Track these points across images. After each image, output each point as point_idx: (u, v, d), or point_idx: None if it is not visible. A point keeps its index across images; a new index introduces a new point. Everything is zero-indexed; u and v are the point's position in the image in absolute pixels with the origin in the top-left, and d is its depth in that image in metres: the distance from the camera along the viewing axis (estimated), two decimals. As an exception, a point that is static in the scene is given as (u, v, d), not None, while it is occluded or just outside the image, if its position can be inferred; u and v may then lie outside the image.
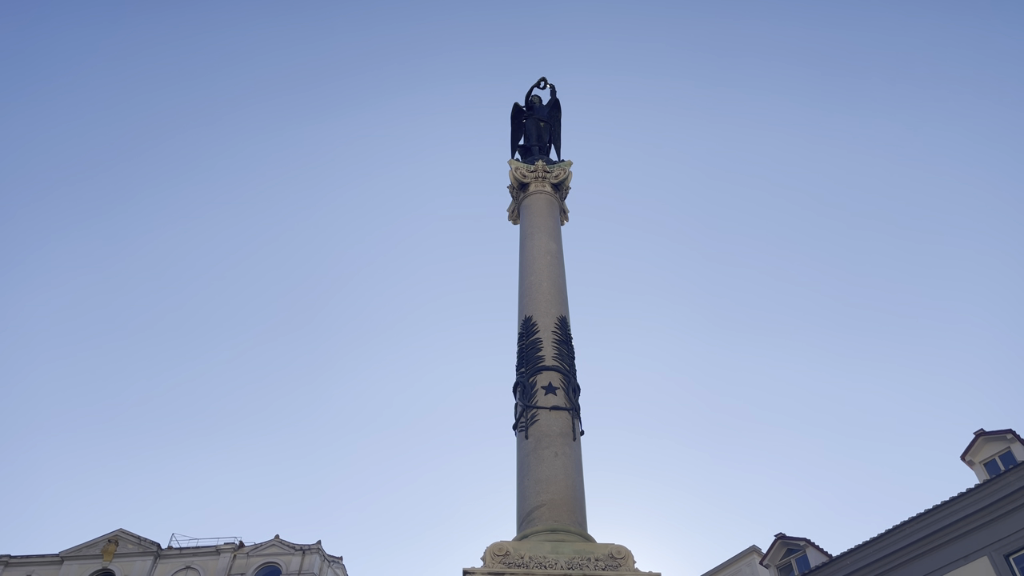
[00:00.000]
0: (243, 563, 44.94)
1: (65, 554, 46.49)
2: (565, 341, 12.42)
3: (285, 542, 45.80)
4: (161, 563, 45.70)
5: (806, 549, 30.39)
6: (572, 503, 10.43)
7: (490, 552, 9.26)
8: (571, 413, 11.49)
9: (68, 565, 45.91)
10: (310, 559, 44.54)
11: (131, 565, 45.52)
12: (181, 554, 46.02)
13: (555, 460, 10.78)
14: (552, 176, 15.97)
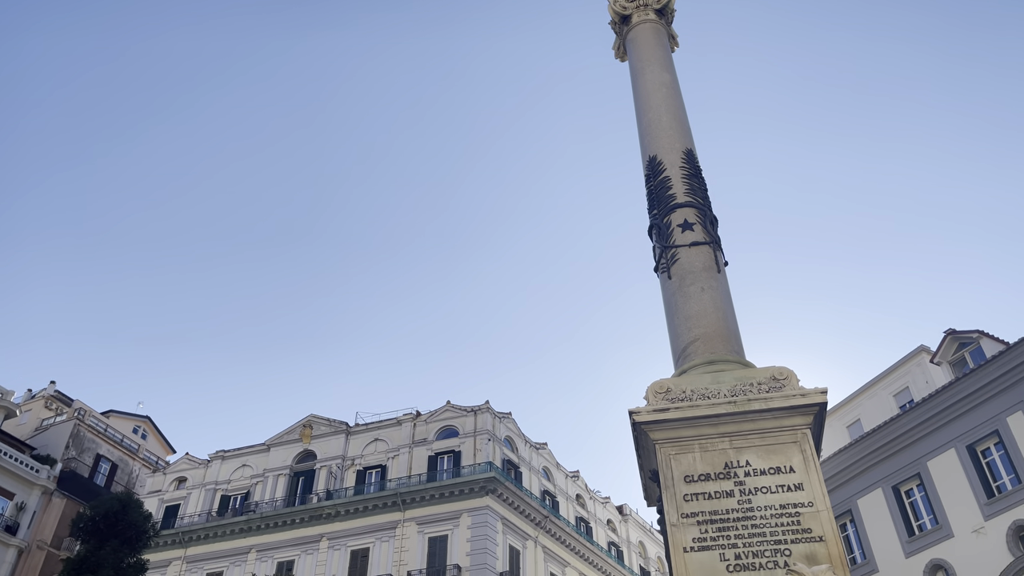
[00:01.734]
0: (423, 429, 48.74)
1: (270, 442, 52.18)
2: (694, 174, 12.01)
3: (456, 406, 49.09)
4: (352, 439, 50.37)
5: (979, 340, 29.21)
6: (725, 334, 10.42)
7: (651, 391, 9.46)
8: (711, 246, 11.27)
9: (275, 451, 51.58)
10: (482, 418, 47.64)
11: (327, 444, 50.48)
12: (367, 429, 50.47)
13: (702, 295, 10.71)
14: (654, 1, 14.86)
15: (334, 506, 46.01)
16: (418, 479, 45.70)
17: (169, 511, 51.21)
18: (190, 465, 53.86)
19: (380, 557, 43.73)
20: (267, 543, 46.66)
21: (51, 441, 56.69)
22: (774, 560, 8.05)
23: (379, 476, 47.81)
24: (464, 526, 42.80)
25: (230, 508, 50.03)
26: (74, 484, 53.72)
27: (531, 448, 51.49)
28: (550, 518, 47.81)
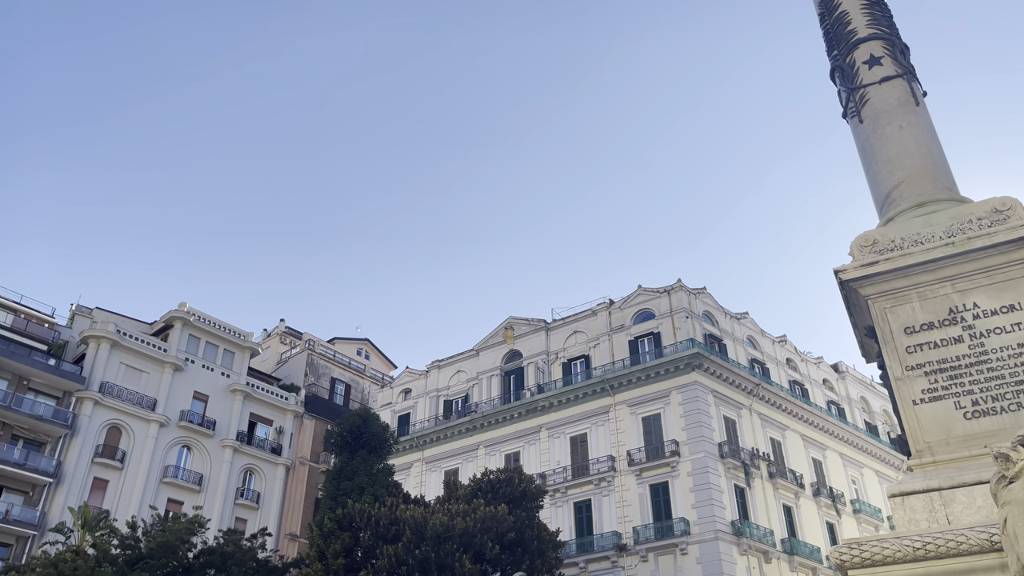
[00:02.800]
0: (619, 316, 49.43)
1: (478, 347, 55.30)
2: (875, 2, 10.84)
3: (648, 289, 49.15)
4: (552, 334, 52.18)
5: None
6: (933, 171, 9.55)
7: (856, 245, 8.95)
8: (904, 78, 10.23)
9: (483, 355, 54.67)
10: (676, 297, 47.42)
11: (529, 342, 52.69)
12: (565, 323, 51.98)
13: (901, 134, 9.83)
14: None
15: (546, 398, 48.37)
16: (622, 364, 46.75)
17: (401, 420, 56.26)
18: (411, 377, 58.49)
19: (598, 440, 45.70)
20: (491, 439, 50.20)
21: (291, 371, 63.67)
22: (1017, 402, 7.58)
23: (584, 366, 49.41)
24: (675, 403, 43.51)
25: (453, 411, 54.10)
26: (317, 406, 60.33)
27: (732, 319, 50.76)
28: (761, 385, 47.38)
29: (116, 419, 48.29)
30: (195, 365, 53.61)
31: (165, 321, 54.71)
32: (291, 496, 55.38)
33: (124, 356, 50.14)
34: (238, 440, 53.49)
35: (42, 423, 45.20)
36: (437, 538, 31.19)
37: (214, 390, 53.99)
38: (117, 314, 53.96)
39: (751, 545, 40.29)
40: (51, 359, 48.02)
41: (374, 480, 36.55)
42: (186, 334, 53.99)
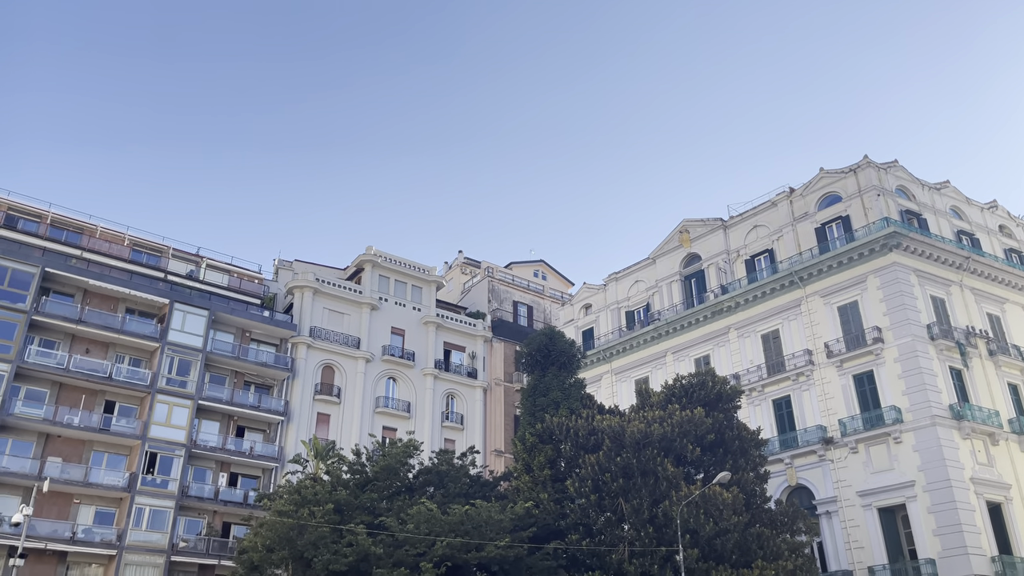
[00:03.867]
0: (801, 204, 46.65)
1: (654, 255, 54.51)
2: None
3: (832, 171, 45.83)
4: (730, 232, 50.29)
5: None
6: None
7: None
8: None
9: (660, 262, 53.84)
10: (863, 175, 43.91)
11: (707, 243, 51.16)
12: (743, 218, 49.83)
13: None
14: None
15: (731, 299, 47.04)
16: (810, 254, 44.34)
17: (585, 335, 57.08)
18: (590, 292, 58.90)
19: (791, 335, 44.03)
20: (678, 344, 49.79)
21: (475, 299, 66.18)
22: None
23: (768, 260, 47.37)
24: (873, 288, 40.84)
25: (636, 321, 54.06)
26: (503, 329, 62.49)
27: (930, 191, 46.39)
28: (972, 258, 43.30)
29: (328, 359, 52.69)
30: (388, 303, 57.04)
31: (356, 265, 58.38)
32: (491, 416, 58.32)
33: (325, 301, 54.28)
34: (436, 368, 56.74)
35: (267, 368, 50.23)
36: (636, 445, 31.71)
37: (409, 324, 57.35)
38: (314, 264, 58.26)
39: (974, 428, 37.62)
40: (265, 311, 52.97)
41: (567, 394, 37.58)
42: (376, 275, 57.42)
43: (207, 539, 44.08)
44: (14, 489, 39.62)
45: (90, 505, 42.29)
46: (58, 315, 44.14)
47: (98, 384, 44.27)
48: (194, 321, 48.11)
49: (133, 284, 47.80)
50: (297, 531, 29.70)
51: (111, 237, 50.96)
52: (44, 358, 42.94)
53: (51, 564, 39.75)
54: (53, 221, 49.24)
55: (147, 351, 46.86)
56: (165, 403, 45.30)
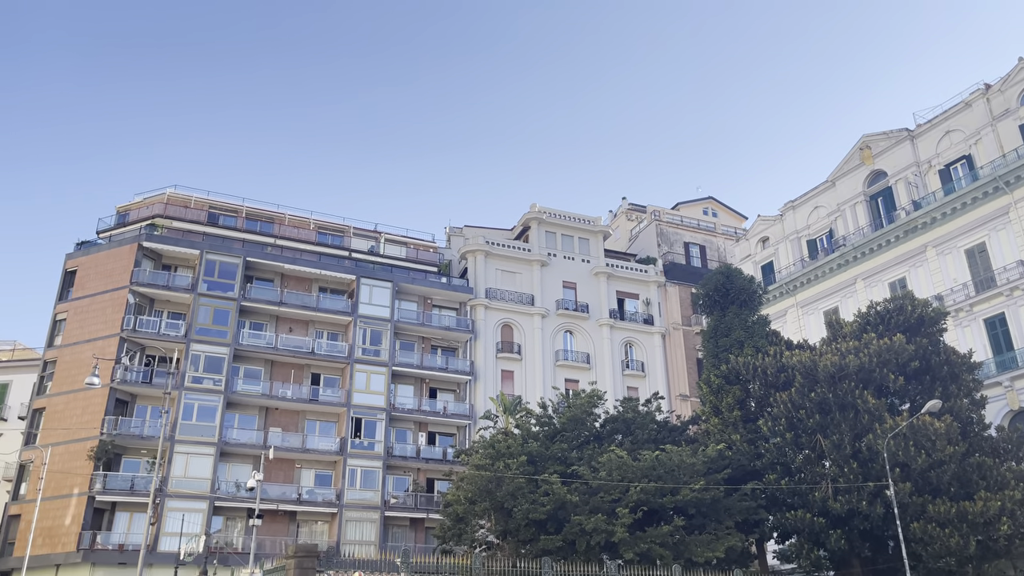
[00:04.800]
0: (1000, 100, 41.78)
1: (833, 177, 51.00)
2: None
3: (1035, 57, 40.48)
4: (918, 142, 46.00)
5: None
6: None
7: None
8: None
9: (840, 184, 50.31)
10: (1077, 56, 38.42)
11: (892, 157, 47.12)
12: (932, 125, 45.33)
13: None
14: None
15: (926, 214, 43.18)
16: (1015, 155, 39.67)
17: (764, 270, 54.67)
18: (766, 224, 56.21)
19: (1000, 247, 39.84)
20: (868, 270, 46.52)
21: (643, 245, 65.20)
22: None
23: (967, 167, 42.91)
24: (1098, 184, 35.94)
25: (819, 250, 51.01)
26: (676, 272, 61.21)
27: None
28: None
29: (505, 318, 54.17)
30: (557, 258, 57.53)
31: (523, 224, 59.23)
32: (672, 361, 57.61)
33: (497, 263, 55.66)
34: (611, 318, 56.71)
35: (450, 332, 52.48)
36: (831, 379, 30.18)
37: (579, 277, 57.62)
38: (482, 228, 59.77)
39: None
40: (442, 278, 55.25)
41: (751, 333, 36.26)
42: (543, 231, 57.99)
43: (414, 495, 47.15)
44: (245, 458, 44.22)
45: (310, 469, 46.44)
46: (262, 299, 48.35)
47: (303, 359, 48.20)
48: (380, 293, 51.06)
49: (322, 264, 51.37)
50: (495, 483, 30.98)
51: (298, 223, 54.85)
52: (255, 339, 47.27)
53: (284, 523, 44.19)
54: (248, 214, 53.68)
55: (341, 325, 50.33)
56: (363, 371, 48.60)
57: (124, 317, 44.44)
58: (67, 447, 41.52)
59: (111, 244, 48.00)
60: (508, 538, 31.50)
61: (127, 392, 43.95)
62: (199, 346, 45.24)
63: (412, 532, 46.59)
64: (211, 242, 49.23)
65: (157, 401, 42.94)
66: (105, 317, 44.98)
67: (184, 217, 51.01)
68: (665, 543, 28.50)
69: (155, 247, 47.52)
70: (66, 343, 45.22)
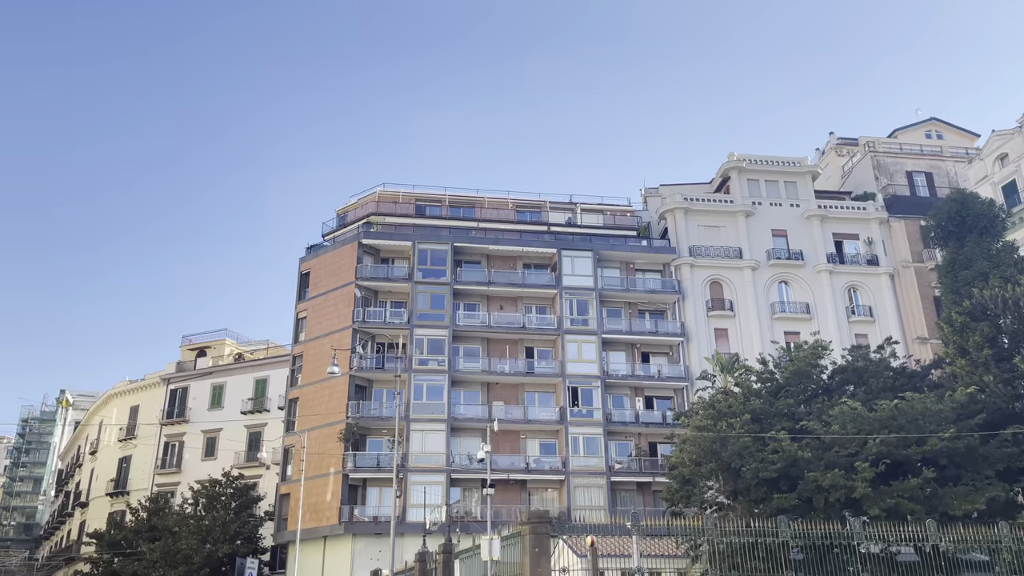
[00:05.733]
0: None
1: None
2: None
3: None
4: None
5: None
6: None
7: None
8: None
9: None
10: None
11: None
12: None
13: None
14: None
15: None
16: None
17: (1006, 190, 48.50)
18: (1002, 139, 49.81)
19: None
20: None
21: (858, 180, 60.25)
22: None
23: None
24: None
25: (1074, 159, 44.34)
26: (900, 206, 55.98)
27: None
28: None
29: (713, 275, 52.55)
30: (762, 206, 54.74)
31: (722, 175, 56.95)
32: (904, 302, 52.92)
33: (698, 218, 54.03)
34: (829, 262, 53.11)
35: (656, 295, 51.84)
36: (1104, 304, 26.26)
37: (788, 222, 54.48)
38: (679, 185, 58.22)
39: None
40: (643, 241, 54.59)
41: (996, 262, 32.44)
42: (744, 180, 55.42)
43: (638, 459, 47.33)
44: (473, 432, 46.64)
45: (534, 439, 48.09)
46: (472, 281, 50.57)
47: (516, 334, 49.86)
48: (582, 263, 51.49)
49: (523, 241, 52.69)
50: (720, 444, 30.28)
51: (498, 204, 56.55)
52: (470, 320, 49.57)
53: (515, 491, 46.18)
54: (451, 202, 56.18)
55: (548, 298, 51.38)
56: (574, 342, 49.38)
57: (354, 310, 48.34)
58: (320, 431, 46.08)
59: (335, 245, 52.30)
60: (739, 498, 30.73)
61: (364, 378, 47.88)
62: (421, 330, 48.22)
63: (639, 496, 46.85)
64: (421, 232, 52.13)
65: (390, 384, 46.38)
66: (338, 312, 49.21)
67: (395, 212, 54.42)
68: (915, 497, 26.41)
69: (373, 243, 51.14)
70: (309, 338, 50.07)
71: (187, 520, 45.96)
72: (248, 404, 57.33)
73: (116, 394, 65.62)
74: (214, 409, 58.60)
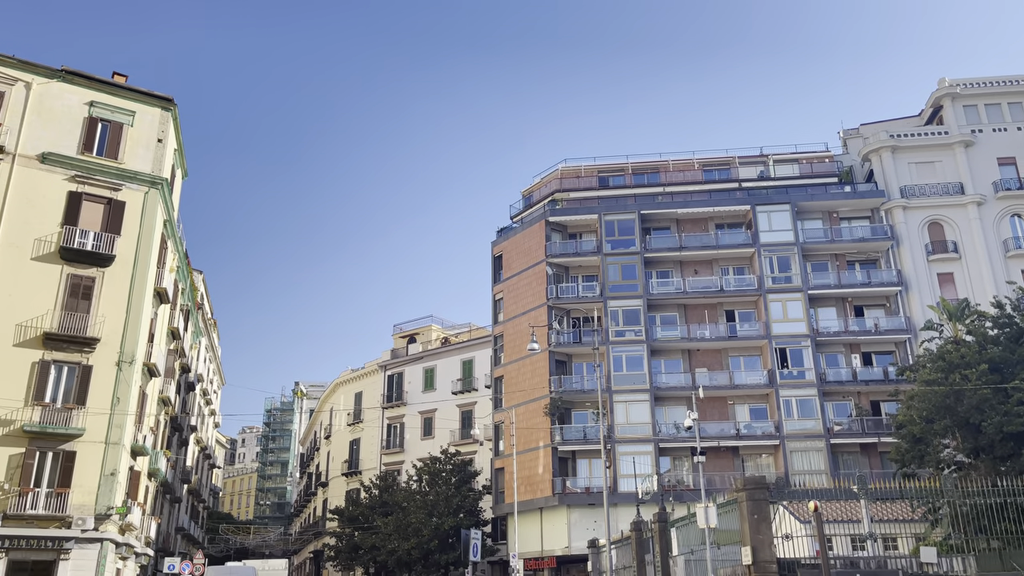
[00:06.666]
0: None
1: None
2: None
3: None
4: None
5: None
6: None
7: None
8: None
9: None
10: None
11: None
12: None
13: None
14: None
15: None
16: None
17: None
18: None
19: None
20: None
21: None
22: None
23: None
24: None
25: None
26: None
27: None
28: None
29: (930, 215, 47.87)
30: (983, 133, 49.03)
31: (932, 105, 51.58)
32: None
33: (907, 156, 49.38)
34: (1073, 187, 46.60)
35: (865, 243, 48.05)
36: None
37: (1017, 148, 48.47)
38: (881, 122, 53.45)
39: None
40: (845, 187, 50.76)
41: None
42: (959, 107, 49.88)
43: (859, 420, 44.35)
44: (677, 400, 45.92)
45: (742, 404, 46.50)
46: (662, 248, 49.56)
47: (713, 298, 48.33)
48: (779, 218, 48.83)
49: (713, 201, 50.82)
50: (954, 398, 27.63)
51: (683, 166, 54.95)
52: (664, 287, 48.68)
53: (727, 458, 44.97)
54: (634, 170, 55.36)
55: (744, 258, 49.26)
56: (777, 300, 47.06)
57: (547, 287, 49.14)
58: (526, 407, 47.44)
59: (524, 226, 53.36)
60: (981, 456, 27.91)
61: (563, 353, 48.60)
62: (615, 302, 48.07)
63: (863, 458, 43.96)
64: (606, 204, 51.85)
65: (589, 358, 46.74)
66: (532, 290, 50.26)
67: (578, 187, 54.52)
68: None
69: (559, 220, 51.59)
70: (507, 318, 51.60)
71: (414, 496, 49.19)
72: (457, 384, 60.24)
73: (341, 382, 71.49)
74: (427, 391, 62.18)
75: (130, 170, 34.58)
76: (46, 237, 32.01)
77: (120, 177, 34.25)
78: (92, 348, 31.54)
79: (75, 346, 31.27)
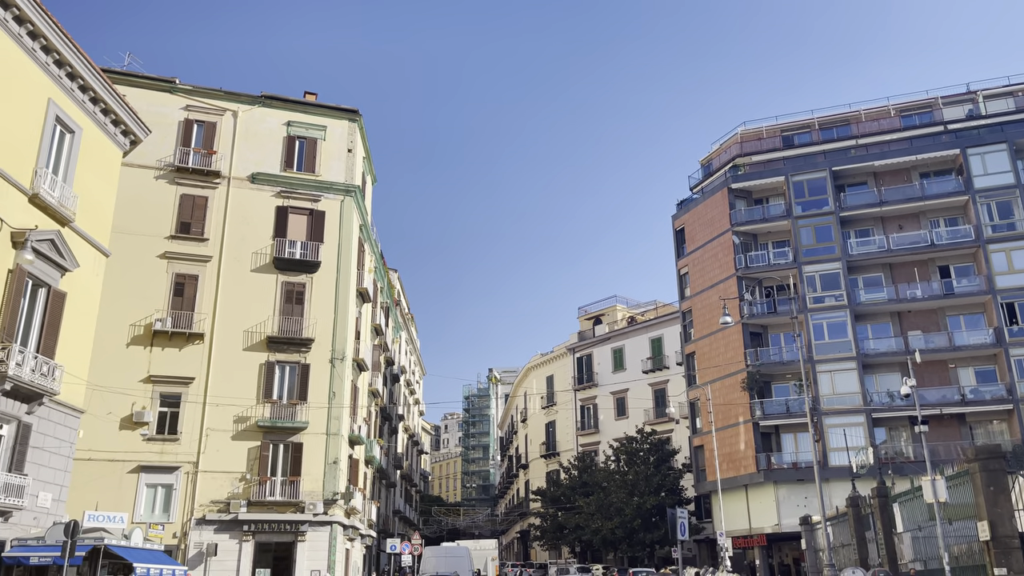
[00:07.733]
0: None
1: None
2: None
3: None
4: None
5: None
6: None
7: None
8: None
9: None
10: None
11: None
12: None
13: None
14: None
15: None
16: None
17: None
18: None
19: None
20: None
21: None
22: None
23: None
24: None
25: None
26: None
27: None
28: None
29: None
30: None
31: None
32: None
33: None
34: None
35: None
36: None
37: None
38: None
39: None
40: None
41: None
42: None
43: (1112, 378, 38.97)
44: (889, 367, 42.60)
45: (966, 367, 42.34)
46: (860, 204, 46.03)
47: (923, 254, 44.28)
48: (995, 159, 43.85)
49: (915, 149, 46.50)
50: None
51: (877, 114, 50.73)
52: (865, 247, 45.25)
53: (952, 426, 41.16)
54: (821, 125, 51.83)
55: (957, 207, 44.71)
56: (1000, 251, 42.34)
57: (735, 257, 47.25)
58: (721, 382, 46.03)
59: (704, 196, 51.62)
60: None
61: (757, 324, 46.58)
62: (810, 267, 45.35)
63: (1123, 422, 38.57)
64: (792, 164, 48.98)
65: (787, 328, 44.47)
66: (718, 262, 48.57)
67: (760, 149, 51.89)
68: None
69: (742, 186, 49.38)
70: (694, 292, 50.25)
71: (612, 476, 49.38)
72: (647, 363, 59.62)
73: (532, 367, 73.09)
74: (617, 371, 62.08)
75: (326, 181, 37.32)
76: (261, 250, 35.30)
77: (318, 188, 37.05)
78: (308, 348, 34.42)
79: (293, 347, 34.29)
